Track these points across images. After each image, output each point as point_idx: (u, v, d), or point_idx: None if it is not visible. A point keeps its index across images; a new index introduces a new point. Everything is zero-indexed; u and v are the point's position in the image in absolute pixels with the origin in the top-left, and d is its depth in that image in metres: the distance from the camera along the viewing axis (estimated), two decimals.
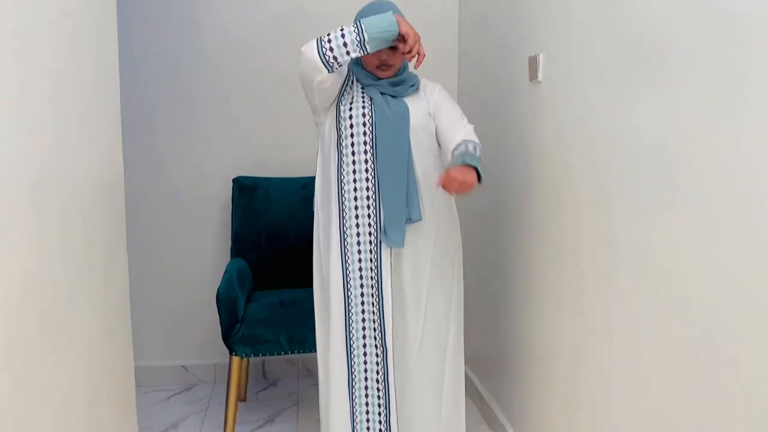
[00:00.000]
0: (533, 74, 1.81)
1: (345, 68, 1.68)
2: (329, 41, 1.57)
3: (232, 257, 2.48)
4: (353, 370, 1.72)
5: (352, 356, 1.71)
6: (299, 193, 2.55)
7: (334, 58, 1.57)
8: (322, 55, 1.57)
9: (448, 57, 2.66)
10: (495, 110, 2.18)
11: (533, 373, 1.89)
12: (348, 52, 1.57)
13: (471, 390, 2.46)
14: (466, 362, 2.29)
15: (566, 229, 1.64)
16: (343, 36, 1.56)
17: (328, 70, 1.59)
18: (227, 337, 2.11)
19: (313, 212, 1.84)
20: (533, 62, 1.81)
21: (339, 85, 1.68)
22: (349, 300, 1.69)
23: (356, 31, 1.56)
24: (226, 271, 2.27)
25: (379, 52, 1.63)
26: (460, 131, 1.64)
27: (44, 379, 1.17)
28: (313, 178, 2.46)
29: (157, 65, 2.56)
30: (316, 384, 2.65)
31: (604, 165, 1.44)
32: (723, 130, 1.06)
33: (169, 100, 2.58)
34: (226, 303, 2.08)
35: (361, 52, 1.58)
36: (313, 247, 1.83)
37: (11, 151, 1.05)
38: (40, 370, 1.15)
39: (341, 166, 1.69)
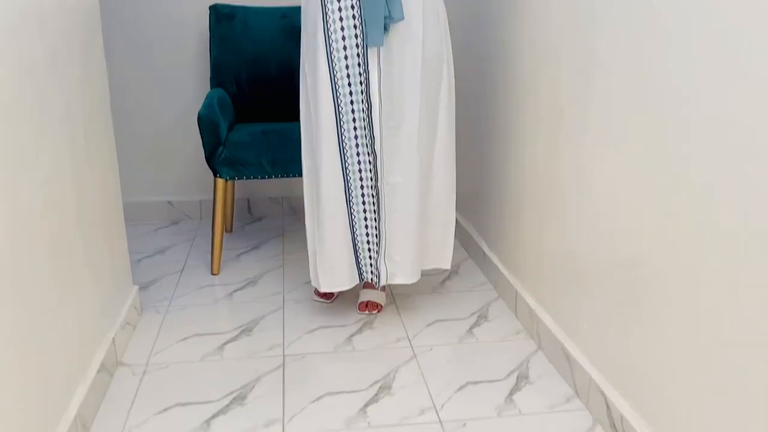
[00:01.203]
0: None
1: None
2: None
3: (212, 88, 2.45)
4: (348, 177, 1.74)
5: (347, 163, 1.73)
6: (279, 24, 2.48)
7: None
8: None
9: None
10: None
11: (509, 204, 1.96)
12: None
13: None
14: None
15: (547, 51, 1.63)
16: None
17: None
18: (210, 159, 2.13)
19: (294, 43, 1.79)
20: None
21: None
22: (339, 106, 1.69)
23: None
24: (206, 98, 2.25)
25: None
26: None
27: (28, 158, 1.19)
28: (293, 8, 2.40)
29: None
30: (300, 221, 2.75)
31: None
32: None
33: None
34: (207, 124, 2.08)
35: None
36: (300, 64, 1.80)
37: None
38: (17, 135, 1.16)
39: None
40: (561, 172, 1.58)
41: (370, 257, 1.82)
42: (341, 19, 1.64)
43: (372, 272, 1.83)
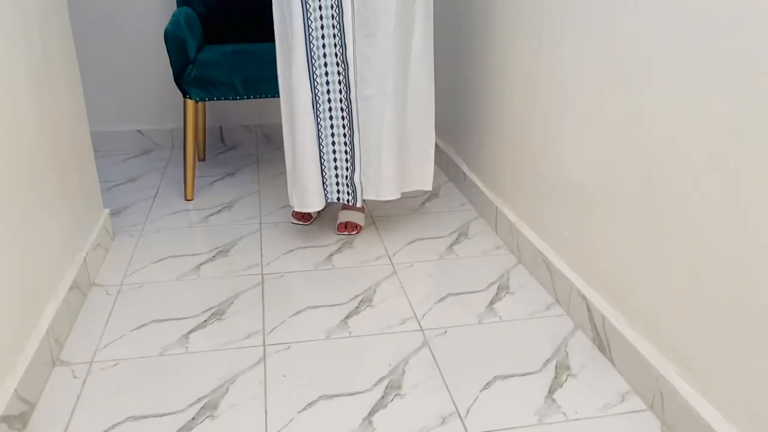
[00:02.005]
0: None
1: None
2: None
3: (178, 6, 2.33)
4: (316, 88, 1.67)
5: (315, 75, 1.66)
6: None
7: None
8: None
9: None
10: None
11: (492, 121, 1.91)
12: None
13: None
14: None
15: None
16: None
17: None
18: (179, 79, 2.04)
19: None
20: None
21: None
22: (308, 11, 1.60)
23: None
24: (172, 16, 2.14)
25: None
26: None
27: None
28: None
29: None
30: (275, 149, 2.69)
31: None
32: None
33: None
34: (174, 41, 1.98)
35: None
36: None
37: None
38: None
39: None
40: (542, 80, 1.54)
41: (337, 175, 1.77)
42: None
43: (340, 191, 1.79)
